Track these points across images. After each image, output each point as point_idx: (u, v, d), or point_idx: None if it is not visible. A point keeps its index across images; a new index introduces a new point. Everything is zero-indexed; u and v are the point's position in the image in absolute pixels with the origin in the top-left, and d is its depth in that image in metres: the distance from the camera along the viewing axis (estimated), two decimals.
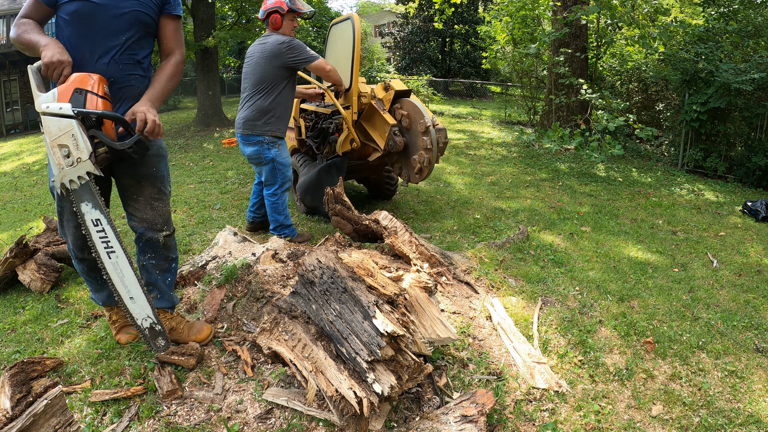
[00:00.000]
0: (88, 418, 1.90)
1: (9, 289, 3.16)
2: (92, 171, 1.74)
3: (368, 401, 1.67)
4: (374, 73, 17.74)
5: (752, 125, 6.99)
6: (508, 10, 10.15)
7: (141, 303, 1.97)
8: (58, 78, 1.74)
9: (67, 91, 1.69)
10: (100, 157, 1.78)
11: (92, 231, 1.84)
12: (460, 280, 2.98)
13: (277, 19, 3.42)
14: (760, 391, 2.18)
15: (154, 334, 2.03)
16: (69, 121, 1.66)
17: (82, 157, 1.71)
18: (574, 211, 4.96)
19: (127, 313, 1.97)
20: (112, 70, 1.91)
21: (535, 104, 11.15)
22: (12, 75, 16.94)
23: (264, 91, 3.42)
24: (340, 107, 3.76)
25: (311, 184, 4.06)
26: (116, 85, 1.94)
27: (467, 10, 20.53)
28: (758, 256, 3.91)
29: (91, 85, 1.74)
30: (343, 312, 1.92)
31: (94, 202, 1.81)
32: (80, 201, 1.80)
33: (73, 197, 1.79)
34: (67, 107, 1.65)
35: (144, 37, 2.00)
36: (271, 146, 3.47)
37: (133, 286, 1.94)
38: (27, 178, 7.66)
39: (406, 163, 3.95)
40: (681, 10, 11.99)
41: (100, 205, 1.82)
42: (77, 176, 1.74)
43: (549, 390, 2.11)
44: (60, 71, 1.73)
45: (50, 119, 1.66)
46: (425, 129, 3.56)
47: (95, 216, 1.82)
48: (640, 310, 2.90)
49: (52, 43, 1.76)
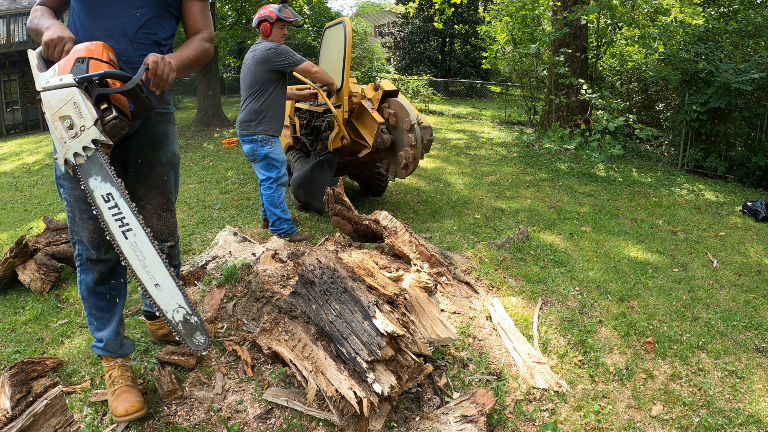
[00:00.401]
0: (88, 418, 1.90)
1: (9, 289, 3.16)
2: (99, 138, 1.52)
3: (368, 401, 1.67)
4: (374, 73, 17.75)
5: (752, 125, 6.99)
6: (508, 10, 10.15)
7: (169, 289, 1.63)
8: (59, 56, 1.57)
9: (68, 63, 1.53)
10: (108, 125, 1.55)
11: (103, 209, 1.57)
12: (460, 280, 2.98)
13: (267, 27, 3.67)
14: (760, 391, 2.18)
15: (190, 329, 1.66)
16: (70, 90, 1.49)
17: (86, 124, 1.51)
18: (574, 211, 4.96)
19: (153, 305, 1.63)
20: (125, 49, 1.72)
21: (535, 104, 11.15)
22: (12, 75, 16.95)
23: (256, 93, 3.65)
24: (331, 106, 3.95)
25: (304, 179, 4.27)
26: (131, 67, 1.71)
27: (467, 10, 20.52)
28: (758, 256, 3.91)
29: (93, 53, 1.57)
30: (343, 312, 1.92)
31: (103, 173, 1.56)
32: (88, 177, 1.55)
33: (80, 174, 1.56)
34: (68, 77, 1.50)
35: (163, 16, 1.80)
36: (264, 143, 3.68)
37: (158, 269, 1.62)
38: (27, 178, 7.66)
39: (393, 159, 4.13)
40: (681, 10, 11.99)
41: (110, 176, 1.56)
42: (82, 147, 1.53)
43: (549, 390, 2.11)
44: (61, 47, 1.56)
45: (50, 93, 1.51)
46: (410, 126, 3.77)
47: (105, 190, 1.56)
48: (640, 310, 2.90)
49: (54, 24, 1.62)
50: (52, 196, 6.09)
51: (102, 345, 1.93)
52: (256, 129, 3.64)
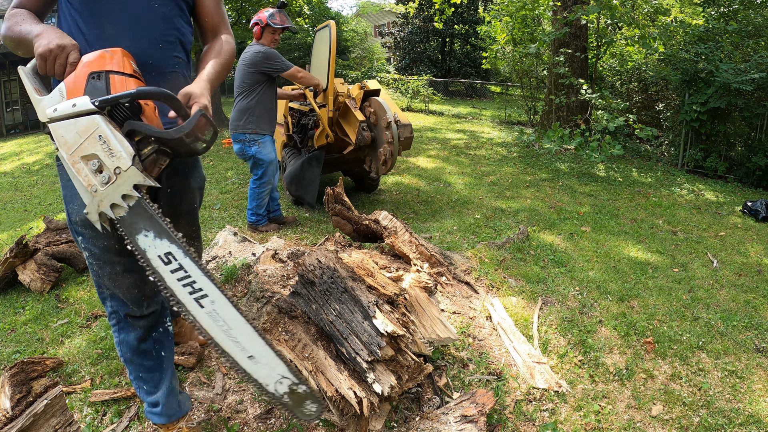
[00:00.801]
0: (88, 418, 1.90)
1: (9, 289, 3.16)
2: (142, 183, 1.16)
3: (368, 401, 1.67)
4: (374, 72, 17.75)
5: (752, 125, 6.99)
6: (508, 10, 10.15)
7: (268, 360, 1.30)
8: (62, 70, 1.21)
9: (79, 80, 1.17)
10: (147, 159, 1.19)
11: (164, 274, 1.22)
12: (460, 280, 2.98)
13: (258, 31, 3.83)
14: (760, 391, 2.18)
15: (298, 399, 1.35)
16: (90, 119, 1.12)
17: (121, 165, 1.13)
18: (574, 211, 4.96)
19: (248, 380, 1.31)
20: (147, 52, 1.36)
21: (535, 104, 11.15)
22: (12, 75, 16.93)
23: (243, 93, 3.83)
24: (315, 105, 4.15)
25: (295, 175, 4.49)
26: (154, 71, 1.38)
27: (467, 10, 20.52)
28: (758, 256, 3.91)
29: (111, 63, 1.20)
30: (343, 312, 1.92)
31: (155, 227, 1.20)
32: (135, 233, 1.20)
33: (123, 230, 1.20)
34: (83, 101, 1.12)
35: (180, 8, 1.46)
36: (251, 144, 3.85)
37: (249, 337, 1.28)
38: (27, 178, 7.66)
39: (374, 156, 4.30)
40: (681, 10, 11.99)
41: (166, 230, 1.21)
42: (121, 196, 1.16)
43: (549, 390, 2.11)
44: (63, 59, 1.20)
45: (61, 125, 1.13)
46: (387, 124, 3.96)
47: (163, 249, 1.21)
48: (640, 310, 2.90)
49: (47, 30, 1.24)
50: (52, 196, 6.09)
51: (159, 410, 1.64)
52: (244, 128, 3.81)
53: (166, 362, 1.63)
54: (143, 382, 1.61)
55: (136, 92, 1.14)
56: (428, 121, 12.79)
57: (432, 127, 11.74)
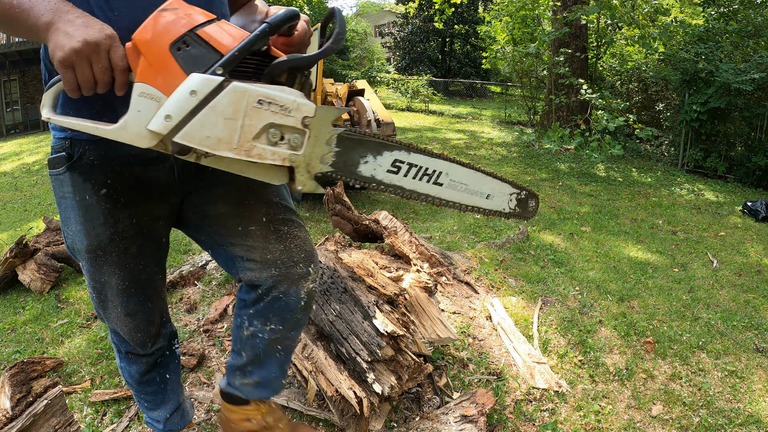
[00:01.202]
0: (88, 418, 1.90)
1: (9, 289, 3.16)
2: (335, 114, 0.97)
3: (368, 401, 1.67)
4: (374, 72, 17.76)
5: (752, 125, 7.00)
6: (508, 10, 10.15)
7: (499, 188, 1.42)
8: (108, 79, 0.84)
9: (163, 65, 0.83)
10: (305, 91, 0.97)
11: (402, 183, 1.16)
12: (460, 280, 2.98)
13: None
14: (760, 391, 2.18)
15: (523, 204, 1.49)
16: (231, 91, 0.83)
17: (307, 113, 0.90)
18: (574, 211, 4.96)
19: (489, 214, 1.40)
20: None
21: (535, 104, 11.15)
22: (12, 75, 16.93)
23: None
24: None
25: None
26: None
27: (467, 10, 20.53)
28: (758, 256, 3.91)
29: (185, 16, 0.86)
30: (343, 312, 1.92)
31: (369, 147, 1.10)
32: (355, 168, 1.10)
33: (343, 174, 1.07)
34: (200, 81, 0.81)
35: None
36: None
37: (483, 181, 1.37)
38: (27, 178, 7.66)
39: None
40: (681, 10, 11.99)
41: (377, 142, 1.11)
42: (325, 141, 0.98)
43: (549, 390, 2.11)
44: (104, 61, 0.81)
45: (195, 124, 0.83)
46: (367, 122, 4.16)
47: (388, 161, 1.13)
48: (640, 310, 2.90)
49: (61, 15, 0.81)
50: (52, 196, 6.09)
51: (160, 427, 1.55)
52: None
53: (171, 384, 1.49)
54: (144, 401, 1.51)
55: (264, 29, 0.85)
56: (428, 121, 12.80)
57: (432, 127, 11.74)
